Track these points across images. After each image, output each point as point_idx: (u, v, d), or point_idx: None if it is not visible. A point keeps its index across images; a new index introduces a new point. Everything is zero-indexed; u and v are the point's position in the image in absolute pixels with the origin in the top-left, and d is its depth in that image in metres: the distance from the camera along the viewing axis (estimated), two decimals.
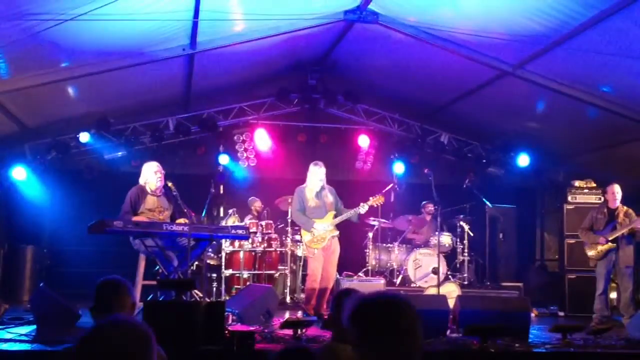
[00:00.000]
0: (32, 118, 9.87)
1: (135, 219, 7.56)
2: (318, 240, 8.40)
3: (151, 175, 7.96)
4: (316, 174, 8.52)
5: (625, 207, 8.72)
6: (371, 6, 8.12)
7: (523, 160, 11.68)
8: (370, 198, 8.75)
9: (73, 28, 6.82)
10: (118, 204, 7.89)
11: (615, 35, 6.97)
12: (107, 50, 7.92)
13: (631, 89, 8.35)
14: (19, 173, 10.16)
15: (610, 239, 8.57)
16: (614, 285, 9.57)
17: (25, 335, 6.28)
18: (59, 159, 10.75)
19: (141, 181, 8.02)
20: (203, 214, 8.96)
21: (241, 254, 10.08)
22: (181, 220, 7.84)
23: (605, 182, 9.19)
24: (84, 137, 10.42)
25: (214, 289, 10.03)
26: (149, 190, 7.96)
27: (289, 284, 10.20)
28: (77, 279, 9.37)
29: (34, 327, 6.63)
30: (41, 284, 7.08)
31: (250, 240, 9.95)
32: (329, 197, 8.60)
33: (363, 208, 8.56)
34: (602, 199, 9.31)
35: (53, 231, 10.95)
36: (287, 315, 8.32)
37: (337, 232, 8.54)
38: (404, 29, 8.31)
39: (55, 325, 6.38)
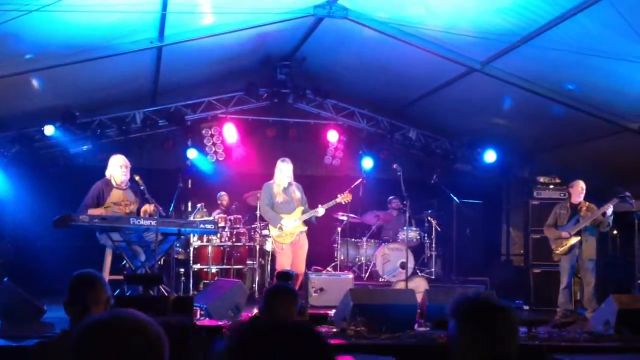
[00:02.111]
0: None
1: (93, 211, 7.49)
2: (286, 236, 8.41)
3: (116, 168, 7.91)
4: (283, 170, 8.52)
5: (587, 202, 8.89)
6: (341, 1, 8.12)
7: (490, 156, 11.82)
8: (339, 195, 8.78)
9: (38, 19, 6.70)
10: (83, 198, 7.80)
11: (580, 33, 7.08)
12: (73, 42, 7.79)
13: (595, 86, 8.49)
14: None
15: (573, 232, 8.73)
16: (577, 279, 9.73)
17: None
18: (23, 152, 10.57)
19: (107, 174, 7.96)
20: (171, 209, 8.90)
21: (209, 249, 10.03)
22: (147, 207, 7.78)
23: (570, 178, 9.35)
24: (49, 130, 10.25)
25: (182, 283, 9.97)
26: (114, 184, 7.89)
27: (257, 278, 10.19)
28: (42, 273, 9.24)
29: None
30: (5, 279, 6.96)
31: (218, 235, 9.91)
32: (297, 193, 8.60)
33: (320, 211, 8.58)
34: (567, 194, 9.46)
35: (17, 225, 10.77)
36: (255, 310, 8.29)
37: (305, 228, 8.55)
38: (374, 25, 8.33)
39: (20, 321, 6.29)
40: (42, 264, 9.68)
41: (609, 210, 8.60)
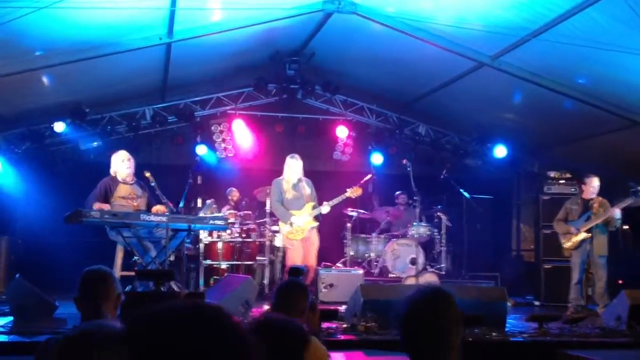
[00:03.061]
0: (6, 107, 9.72)
1: (100, 205, 7.52)
2: (297, 232, 8.40)
3: (119, 164, 7.95)
4: (292, 166, 8.51)
5: (599, 198, 8.82)
6: None
7: (500, 151, 11.76)
8: (348, 190, 8.77)
9: (48, 16, 6.73)
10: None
11: (590, 27, 7.03)
12: (82, 39, 7.81)
13: (606, 80, 8.44)
14: None
15: (583, 229, 8.67)
16: (588, 275, 9.68)
17: (2, 326, 6.21)
18: (33, 148, 10.61)
19: (111, 172, 7.99)
20: (181, 205, 8.91)
21: (219, 245, 10.05)
22: (159, 207, 7.80)
23: (581, 173, 9.31)
24: (59, 126, 10.28)
25: (193, 279, 10.00)
26: (120, 179, 7.92)
27: (267, 274, 10.19)
28: (53, 269, 9.27)
29: (10, 318, 6.56)
30: (17, 275, 6.99)
31: (228, 231, 9.93)
32: (306, 188, 8.59)
33: (325, 209, 8.55)
34: (578, 189, 9.41)
35: (28, 221, 10.83)
36: (266, 306, 8.30)
37: (316, 223, 8.54)
38: (382, 20, 8.31)
39: (32, 316, 6.32)
40: (53, 260, 9.71)
41: (617, 212, 8.54)
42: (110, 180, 7.92)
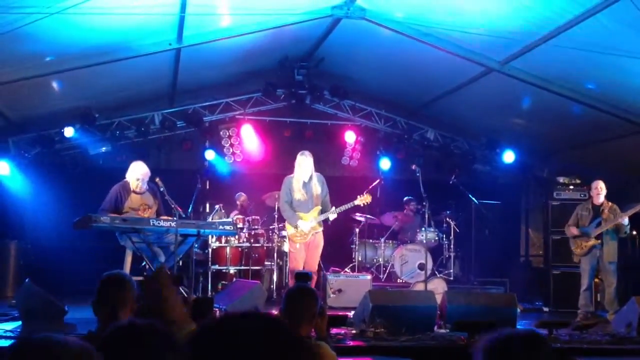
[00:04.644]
0: (17, 112, 9.78)
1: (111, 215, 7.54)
2: (301, 236, 8.33)
3: (132, 178, 7.93)
4: (302, 164, 8.34)
5: (610, 203, 8.78)
6: (358, 2, 8.11)
7: (508, 156, 11.72)
8: (358, 197, 8.69)
9: (59, 21, 6.77)
10: (102, 200, 7.85)
11: (600, 32, 7.01)
12: (92, 44, 7.85)
13: (615, 86, 8.42)
14: (3, 168, 10.05)
15: (594, 235, 8.64)
16: (597, 280, 9.64)
17: (11, 331, 6.23)
18: (43, 153, 10.66)
19: (126, 177, 7.99)
20: (189, 210, 8.92)
21: (227, 250, 10.05)
22: (166, 219, 7.82)
23: (590, 178, 9.26)
24: (69, 131, 10.30)
25: (201, 284, 10.00)
26: (132, 188, 7.92)
27: (275, 279, 10.19)
28: (61, 274, 9.30)
29: (19, 323, 6.58)
30: (27, 280, 7.01)
31: (236, 236, 9.93)
32: (317, 187, 8.38)
33: (332, 215, 8.45)
34: (588, 195, 9.38)
35: (37, 226, 10.86)
36: (274, 311, 8.28)
37: (320, 229, 8.39)
38: (391, 25, 8.31)
39: (41, 321, 6.33)
40: (62, 265, 9.74)
41: (625, 218, 8.50)
42: (122, 188, 7.90)
